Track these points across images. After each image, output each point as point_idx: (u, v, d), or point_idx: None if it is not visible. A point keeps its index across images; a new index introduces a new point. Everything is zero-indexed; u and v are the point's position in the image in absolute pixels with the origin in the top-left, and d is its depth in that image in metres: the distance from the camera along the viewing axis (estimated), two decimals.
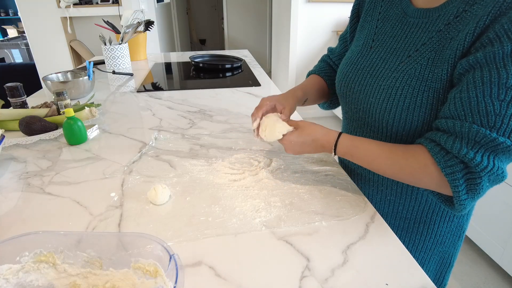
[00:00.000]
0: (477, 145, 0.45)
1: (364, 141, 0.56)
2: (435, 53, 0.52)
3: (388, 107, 0.56)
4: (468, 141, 0.45)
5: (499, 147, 0.44)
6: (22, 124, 0.86)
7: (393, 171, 0.53)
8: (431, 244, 0.67)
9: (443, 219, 0.65)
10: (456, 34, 0.49)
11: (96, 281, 0.41)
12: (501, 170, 0.45)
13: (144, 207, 0.58)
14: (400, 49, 0.57)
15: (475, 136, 0.45)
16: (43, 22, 2.33)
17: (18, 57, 4.19)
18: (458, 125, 0.46)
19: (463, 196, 0.47)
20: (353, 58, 0.65)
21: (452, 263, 0.71)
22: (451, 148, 0.47)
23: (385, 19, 0.62)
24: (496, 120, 0.43)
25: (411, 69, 0.54)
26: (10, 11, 5.22)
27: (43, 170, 0.71)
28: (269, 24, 4.64)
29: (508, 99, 0.43)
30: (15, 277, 0.40)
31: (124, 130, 0.91)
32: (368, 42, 0.63)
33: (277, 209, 0.57)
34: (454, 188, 0.47)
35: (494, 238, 1.45)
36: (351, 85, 0.64)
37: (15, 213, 0.57)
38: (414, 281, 0.43)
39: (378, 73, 0.59)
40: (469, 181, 0.46)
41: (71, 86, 1.15)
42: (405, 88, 0.54)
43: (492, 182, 0.46)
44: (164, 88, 1.32)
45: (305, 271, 0.45)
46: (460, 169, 0.46)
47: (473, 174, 0.46)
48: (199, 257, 0.47)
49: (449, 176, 0.47)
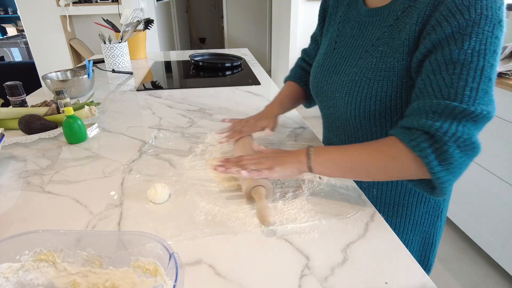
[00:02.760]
0: (435, 114, 0.47)
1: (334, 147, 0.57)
2: (387, 45, 0.57)
3: (349, 99, 0.61)
4: (427, 113, 0.48)
5: (456, 112, 0.46)
6: (21, 123, 0.85)
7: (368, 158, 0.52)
8: (411, 226, 0.71)
9: (419, 200, 0.68)
10: (404, 27, 0.55)
11: (96, 280, 0.41)
12: (467, 135, 0.46)
13: (144, 206, 0.58)
14: (358, 47, 0.62)
15: (430, 107, 0.48)
16: (43, 20, 2.33)
17: (18, 55, 4.18)
18: (421, 104, 0.49)
19: (436, 168, 0.46)
20: (320, 60, 0.71)
21: (434, 244, 0.74)
22: (411, 124, 0.49)
23: (345, 22, 0.67)
24: (450, 92, 0.46)
25: (367, 62, 0.59)
26: (9, 10, 5.21)
27: (42, 169, 0.71)
28: (269, 22, 4.63)
29: (457, 72, 0.46)
30: (15, 276, 0.40)
31: (123, 129, 0.91)
32: (331, 44, 0.69)
33: (277, 208, 0.57)
34: (424, 160, 0.47)
35: (494, 237, 1.45)
36: (320, 85, 0.69)
37: (15, 212, 0.57)
38: (413, 280, 0.43)
39: (341, 70, 0.65)
40: (437, 151, 0.46)
41: (71, 84, 1.15)
42: (362, 80, 0.59)
43: (463, 150, 0.46)
44: (163, 87, 1.32)
45: (304, 269, 0.45)
46: (423, 139, 0.47)
47: (439, 142, 0.46)
48: (199, 255, 0.47)
49: (415, 149, 0.48)
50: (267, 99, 1.15)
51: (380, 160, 0.52)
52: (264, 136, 0.84)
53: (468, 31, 0.46)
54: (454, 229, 1.73)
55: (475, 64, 0.45)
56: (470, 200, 1.58)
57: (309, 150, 0.56)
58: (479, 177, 1.51)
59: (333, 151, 0.56)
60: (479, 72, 0.45)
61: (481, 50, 0.45)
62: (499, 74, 1.41)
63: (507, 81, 1.34)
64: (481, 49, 0.45)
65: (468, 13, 0.45)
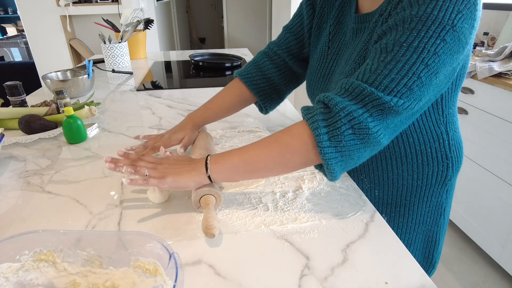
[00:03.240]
0: (346, 92, 0.46)
1: (240, 148, 0.54)
2: (366, 51, 0.56)
3: None
4: (339, 89, 0.48)
5: (367, 97, 0.45)
6: (21, 123, 0.85)
7: (260, 149, 0.51)
8: (414, 225, 0.70)
9: (421, 199, 0.67)
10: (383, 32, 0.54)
11: (96, 280, 0.41)
12: (365, 122, 0.45)
13: (144, 205, 0.58)
14: (347, 53, 0.62)
15: (345, 84, 0.47)
16: (43, 20, 2.33)
17: (18, 55, 4.18)
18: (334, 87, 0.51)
19: (325, 143, 0.45)
20: (314, 66, 0.70)
21: (438, 241, 0.73)
22: (319, 97, 0.48)
23: (338, 26, 0.66)
24: (369, 77, 0.46)
25: (351, 69, 0.58)
26: (9, 10, 5.21)
27: (42, 168, 0.71)
28: (269, 23, 4.63)
29: (386, 60, 0.45)
30: (15, 276, 0.40)
31: (123, 129, 0.91)
32: (324, 49, 0.68)
33: (277, 208, 0.57)
34: (315, 132, 0.46)
35: (494, 237, 1.45)
36: (316, 92, 0.70)
37: (15, 212, 0.57)
38: (413, 280, 0.43)
39: (333, 77, 0.65)
40: (329, 126, 0.46)
41: (71, 84, 1.15)
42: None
43: (357, 136, 0.45)
44: (163, 87, 1.32)
45: (304, 269, 0.45)
46: (320, 111, 0.47)
47: (333, 117, 0.45)
48: (199, 255, 0.47)
49: (309, 121, 0.47)
50: None
51: (276, 152, 0.50)
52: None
53: (411, 26, 0.45)
54: (455, 229, 1.73)
55: (406, 58, 0.44)
56: (470, 200, 1.58)
57: (207, 158, 0.53)
58: (479, 177, 1.51)
59: (230, 155, 0.53)
60: (407, 66, 0.44)
61: (418, 47, 0.44)
62: (499, 74, 1.41)
63: (507, 81, 1.34)
64: (419, 46, 0.44)
65: (417, 9, 0.44)
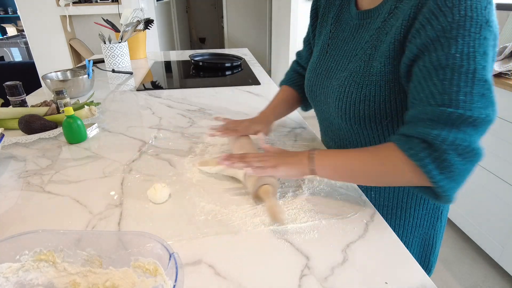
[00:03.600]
0: (433, 122, 0.46)
1: (335, 151, 0.57)
2: (374, 49, 0.56)
3: (340, 104, 0.61)
4: (423, 121, 0.47)
5: (453, 118, 0.44)
6: (21, 123, 0.85)
7: (368, 164, 0.53)
8: (411, 228, 0.70)
9: (418, 201, 0.67)
10: (390, 29, 0.54)
11: (96, 280, 0.41)
12: (467, 142, 0.44)
13: (144, 205, 0.58)
14: (348, 50, 0.62)
15: (425, 114, 0.47)
16: (43, 20, 2.33)
17: (18, 55, 4.18)
18: (416, 111, 0.49)
19: (437, 177, 0.46)
20: (313, 63, 0.70)
21: (435, 245, 0.73)
22: (409, 132, 0.48)
23: (337, 23, 0.66)
24: (443, 98, 0.45)
25: (356, 66, 0.58)
26: (9, 10, 5.20)
27: (42, 168, 0.71)
28: (269, 22, 4.62)
29: (448, 77, 0.45)
30: (15, 276, 0.40)
31: (123, 129, 0.91)
32: (324, 47, 0.68)
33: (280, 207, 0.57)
34: (424, 169, 0.46)
35: (493, 237, 1.45)
36: (314, 89, 0.69)
37: (15, 212, 0.57)
38: (413, 280, 0.43)
39: (332, 74, 0.64)
40: (436, 160, 0.45)
41: (71, 84, 1.15)
42: (351, 84, 0.59)
43: (465, 157, 0.45)
44: (163, 87, 1.32)
45: (304, 269, 0.45)
46: (421, 148, 0.46)
47: (437, 151, 0.45)
48: (199, 255, 0.47)
49: (413, 158, 0.47)
50: (267, 99, 1.15)
51: (380, 168, 0.51)
52: (256, 139, 0.80)
53: (454, 34, 0.44)
54: (454, 229, 1.73)
55: (465, 68, 0.44)
56: (470, 200, 1.58)
57: (311, 153, 0.55)
58: (479, 177, 1.51)
59: (335, 156, 0.55)
60: (470, 75, 0.44)
61: (470, 53, 0.44)
62: (499, 74, 1.41)
63: (507, 81, 1.34)
64: (470, 51, 0.44)
65: (452, 15, 0.44)
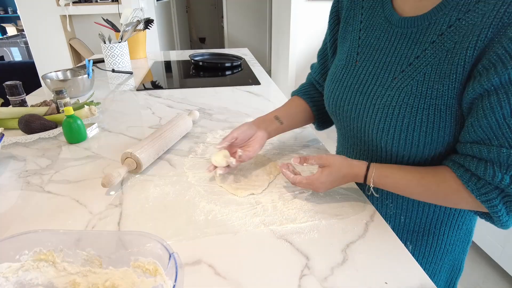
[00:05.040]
0: (508, 167, 0.44)
1: (393, 169, 0.54)
2: (431, 67, 0.49)
3: (386, 127, 0.53)
4: (501, 165, 0.44)
5: None
6: (21, 123, 0.85)
7: (426, 197, 0.53)
8: (441, 254, 0.65)
9: (452, 227, 0.63)
10: (452, 46, 0.46)
11: (96, 280, 0.41)
12: None
13: (144, 205, 0.58)
14: (390, 63, 0.54)
15: (506, 159, 0.44)
16: (43, 20, 2.32)
17: (18, 55, 4.18)
18: (485, 151, 0.45)
19: (504, 218, 0.47)
20: (338, 73, 0.61)
21: (461, 268, 0.69)
22: (483, 175, 0.46)
23: (368, 29, 0.58)
24: None
25: (407, 86, 0.51)
26: (9, 9, 5.20)
27: (42, 168, 0.71)
28: (269, 22, 4.62)
29: None
30: (14, 276, 0.40)
31: (123, 129, 0.91)
32: (352, 55, 0.60)
33: (276, 208, 0.57)
34: (494, 214, 0.47)
35: (493, 237, 1.45)
36: (340, 104, 0.61)
37: (15, 212, 0.57)
38: (413, 280, 0.43)
39: (370, 90, 0.56)
40: (507, 204, 0.46)
41: (71, 84, 1.15)
42: (402, 106, 0.51)
43: None
44: (163, 87, 1.32)
45: (304, 269, 0.45)
46: (496, 195, 0.46)
47: (509, 196, 0.45)
48: (199, 255, 0.47)
49: (486, 203, 0.46)
50: (267, 99, 1.15)
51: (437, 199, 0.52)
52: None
53: None
54: None
55: None
56: None
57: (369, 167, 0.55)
58: None
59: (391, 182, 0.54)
60: None
61: None
62: None
63: None
64: None
65: None
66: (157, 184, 0.64)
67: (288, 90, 2.97)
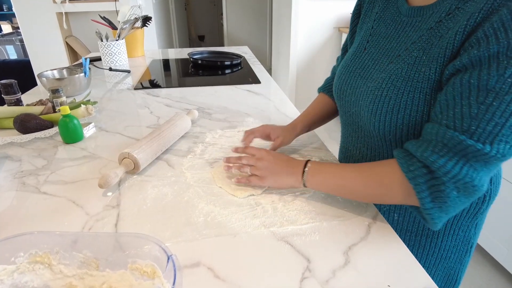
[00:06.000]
0: (444, 148, 0.43)
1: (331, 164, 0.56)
2: (423, 52, 0.49)
3: (374, 108, 0.54)
4: (436, 144, 0.43)
5: (468, 151, 0.41)
6: (16, 122, 0.84)
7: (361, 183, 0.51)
8: (435, 259, 0.64)
9: (447, 232, 0.61)
10: (446, 32, 0.47)
11: (93, 282, 0.40)
12: (469, 178, 0.42)
13: (142, 207, 0.57)
14: (391, 49, 0.55)
15: (442, 138, 0.43)
16: (38, 17, 2.30)
17: (13, 53, 4.14)
18: (429, 128, 0.45)
19: (428, 205, 0.44)
20: (348, 60, 0.63)
21: (459, 280, 0.67)
22: (415, 151, 0.45)
23: (381, 19, 0.60)
24: (471, 124, 0.41)
25: (398, 68, 0.52)
26: (4, 7, 5.16)
27: (38, 169, 0.70)
28: (269, 20, 4.62)
29: (488, 102, 0.40)
30: (9, 278, 0.39)
31: (121, 128, 0.90)
32: (362, 43, 0.61)
33: (277, 209, 0.56)
34: (418, 195, 0.45)
35: (498, 239, 1.44)
36: (344, 88, 0.62)
37: (10, 213, 0.56)
38: (417, 283, 0.43)
39: (368, 74, 0.57)
40: (433, 188, 0.44)
41: (67, 83, 1.14)
42: (390, 88, 0.52)
43: (461, 192, 0.43)
44: (162, 86, 1.31)
45: (305, 272, 0.44)
46: (422, 173, 0.44)
47: (437, 180, 0.43)
48: (198, 257, 0.47)
49: (412, 181, 0.45)
50: (268, 98, 1.15)
51: (373, 189, 0.50)
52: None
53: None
54: None
55: (509, 97, 0.39)
56: None
57: (305, 167, 0.55)
58: None
59: (328, 174, 0.54)
60: (511, 106, 0.39)
61: None
62: None
63: None
64: None
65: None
66: (155, 185, 0.64)
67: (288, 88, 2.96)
